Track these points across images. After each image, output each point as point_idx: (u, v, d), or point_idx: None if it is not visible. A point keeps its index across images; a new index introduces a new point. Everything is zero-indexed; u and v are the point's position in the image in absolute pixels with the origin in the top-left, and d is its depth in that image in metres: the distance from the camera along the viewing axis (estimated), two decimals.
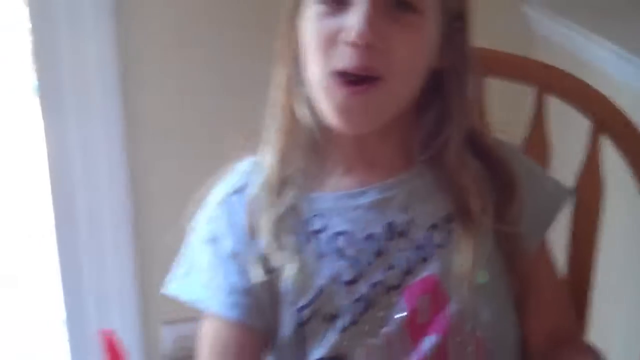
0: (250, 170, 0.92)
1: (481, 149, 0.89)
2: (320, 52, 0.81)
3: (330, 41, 0.80)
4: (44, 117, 1.49)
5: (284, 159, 0.89)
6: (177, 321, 1.59)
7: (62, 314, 1.64)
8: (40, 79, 1.47)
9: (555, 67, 1.08)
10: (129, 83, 1.48)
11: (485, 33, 0.96)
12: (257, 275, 0.85)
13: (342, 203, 0.88)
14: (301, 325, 0.85)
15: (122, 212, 1.54)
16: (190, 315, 1.58)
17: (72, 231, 1.54)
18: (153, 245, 1.56)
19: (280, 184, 0.88)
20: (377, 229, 0.86)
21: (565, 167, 1.03)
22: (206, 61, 1.50)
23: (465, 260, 0.83)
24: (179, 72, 1.51)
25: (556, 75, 1.07)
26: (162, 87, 1.51)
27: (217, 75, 1.50)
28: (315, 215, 0.88)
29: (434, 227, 0.86)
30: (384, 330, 0.83)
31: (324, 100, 0.83)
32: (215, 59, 1.50)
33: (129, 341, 1.56)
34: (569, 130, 1.10)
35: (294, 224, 0.87)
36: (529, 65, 1.10)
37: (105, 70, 1.45)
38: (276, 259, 0.85)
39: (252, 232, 0.88)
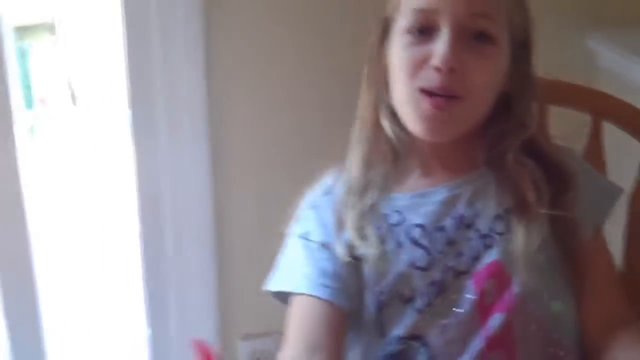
0: (338, 176, 1.09)
1: (539, 152, 1.04)
2: (409, 74, 0.98)
3: (418, 65, 0.97)
4: (134, 137, 1.61)
5: (367, 166, 1.06)
6: (254, 336, 1.72)
7: (144, 329, 1.77)
8: (133, 102, 1.59)
9: (610, 96, 1.22)
10: (216, 101, 1.58)
11: (550, 65, 1.11)
12: (344, 257, 1.00)
13: (417, 201, 1.03)
14: (381, 307, 0.99)
15: (205, 233, 1.66)
16: (267, 330, 1.73)
17: (158, 248, 1.66)
18: (233, 266, 1.69)
19: (363, 187, 1.05)
20: (447, 221, 1.01)
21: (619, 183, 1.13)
22: (293, 80, 1.59)
23: (523, 245, 0.97)
24: (265, 88, 1.59)
25: (610, 103, 1.21)
26: (248, 107, 1.60)
27: (303, 94, 1.60)
28: (393, 211, 1.03)
29: (496, 218, 1.00)
30: (456, 310, 0.96)
31: (410, 112, 0.99)
32: (302, 80, 1.59)
33: None
34: (623, 150, 1.22)
35: (374, 219, 1.02)
36: (585, 93, 1.24)
37: (195, 90, 1.56)
38: (360, 248, 1.00)
39: (339, 226, 1.03)
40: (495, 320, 0.96)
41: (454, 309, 0.97)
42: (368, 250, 1.00)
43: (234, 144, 1.63)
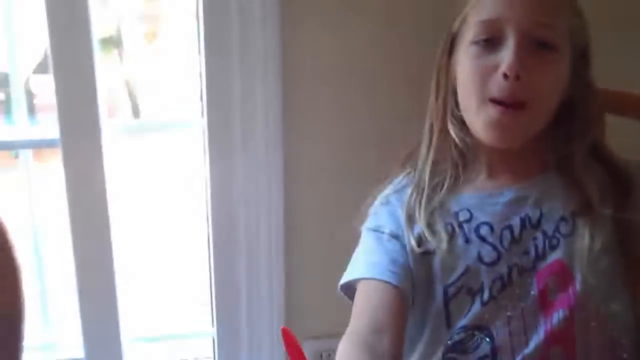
0: (409, 178, 1.15)
1: (603, 157, 1.09)
2: (477, 83, 1.04)
3: (486, 74, 1.04)
4: (210, 145, 1.64)
5: (436, 169, 1.13)
6: (318, 337, 1.77)
7: (212, 329, 1.81)
8: (209, 112, 1.62)
9: None
10: (290, 111, 1.61)
11: (609, 76, 1.15)
12: (415, 249, 1.05)
13: (485, 200, 1.09)
14: (449, 299, 1.04)
15: (275, 239, 1.71)
16: (330, 332, 1.76)
17: (229, 252, 1.71)
18: (300, 270, 1.75)
19: (433, 188, 1.11)
20: (514, 221, 1.06)
21: None
22: (364, 91, 1.61)
23: (587, 245, 1.01)
24: (337, 100, 1.63)
25: None
26: (320, 117, 1.64)
27: (373, 106, 1.63)
28: (462, 210, 1.09)
29: (562, 219, 1.05)
30: (520, 305, 1.01)
31: (479, 120, 1.06)
32: (374, 91, 1.62)
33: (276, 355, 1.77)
34: None
35: (444, 216, 1.08)
36: None
37: (270, 100, 1.60)
38: (430, 242, 1.06)
39: (409, 221, 1.09)
40: (557, 315, 1.00)
41: (518, 303, 1.02)
42: (438, 244, 1.06)
43: (306, 153, 1.66)
